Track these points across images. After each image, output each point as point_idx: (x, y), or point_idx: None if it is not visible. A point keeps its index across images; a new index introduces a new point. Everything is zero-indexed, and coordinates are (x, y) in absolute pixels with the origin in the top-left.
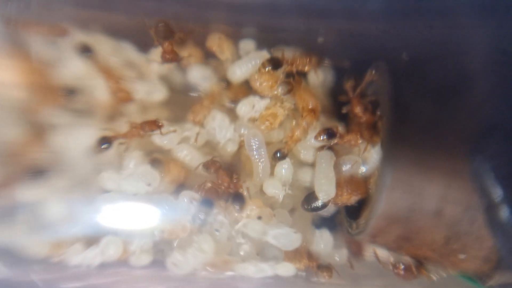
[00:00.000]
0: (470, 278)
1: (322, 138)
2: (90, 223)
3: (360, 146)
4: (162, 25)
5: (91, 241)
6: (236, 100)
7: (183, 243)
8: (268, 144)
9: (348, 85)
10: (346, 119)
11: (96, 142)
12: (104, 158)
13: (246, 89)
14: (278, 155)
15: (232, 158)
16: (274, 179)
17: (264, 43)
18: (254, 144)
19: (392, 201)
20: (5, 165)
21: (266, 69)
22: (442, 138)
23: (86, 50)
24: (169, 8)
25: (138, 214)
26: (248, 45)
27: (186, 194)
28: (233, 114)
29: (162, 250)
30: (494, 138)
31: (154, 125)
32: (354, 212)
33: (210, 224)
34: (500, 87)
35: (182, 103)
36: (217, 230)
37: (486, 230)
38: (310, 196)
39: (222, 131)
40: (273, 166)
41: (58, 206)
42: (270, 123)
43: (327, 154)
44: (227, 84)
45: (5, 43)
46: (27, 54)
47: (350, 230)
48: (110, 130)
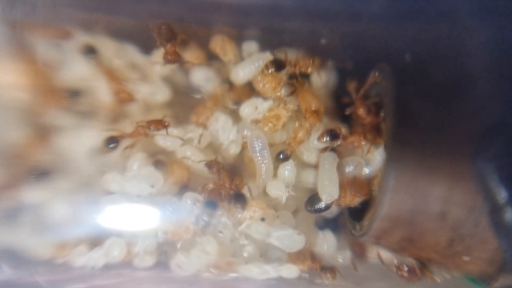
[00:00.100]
0: (475, 280)
1: (325, 140)
2: (94, 225)
3: (363, 148)
4: (165, 27)
5: (95, 242)
6: (239, 101)
7: (187, 245)
8: (271, 145)
9: (351, 86)
10: (349, 121)
11: (103, 142)
12: (107, 159)
13: (249, 90)
14: (281, 157)
15: (235, 160)
16: (277, 181)
17: (267, 45)
18: (257, 145)
19: (395, 203)
20: (9, 166)
21: (269, 70)
22: (446, 139)
23: (90, 51)
24: (172, 10)
25: (142, 215)
26: (251, 46)
27: (190, 196)
28: (236, 116)
29: (165, 252)
30: (497, 139)
31: (160, 124)
32: (358, 213)
33: (213, 225)
34: (503, 89)
35: (185, 105)
36: (220, 232)
37: (490, 232)
38: (313, 197)
39: (225, 133)
40: (276, 168)
41: (62, 208)
42: (273, 125)
43: (330, 155)
44: (230, 85)
45: (9, 46)
46: (32, 57)
47: (353, 231)
48: (116, 130)
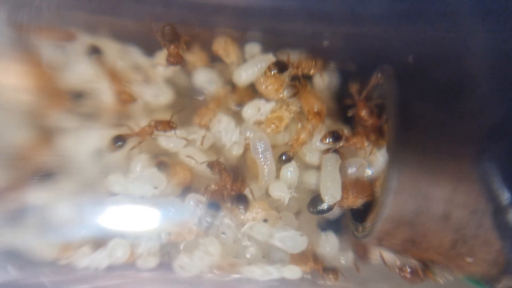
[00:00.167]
0: (478, 281)
1: (328, 141)
2: (97, 226)
3: (365, 149)
4: (169, 27)
5: (99, 243)
6: (241, 103)
7: (190, 246)
8: (273, 147)
9: (353, 88)
10: (351, 122)
11: (110, 140)
12: (111, 161)
13: (252, 92)
14: (284, 158)
15: (237, 161)
16: (279, 182)
17: (269, 47)
18: (259, 147)
19: (398, 204)
20: (14, 168)
21: (272, 72)
22: (448, 141)
23: (95, 52)
24: (175, 12)
25: (145, 217)
26: (253, 48)
27: (193, 197)
28: (238, 117)
29: (168, 253)
30: (500, 140)
31: (168, 125)
32: (360, 214)
33: (216, 227)
34: (506, 90)
35: (188, 106)
36: (223, 233)
37: (493, 233)
38: (315, 199)
39: (228, 134)
40: (278, 169)
41: (66, 209)
42: (276, 126)
43: (333, 156)
44: (233, 87)
45: (14, 48)
46: (36, 59)
47: (356, 233)
48: (127, 126)
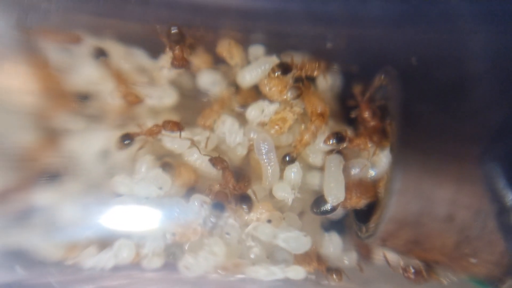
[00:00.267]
0: (481, 282)
1: (331, 142)
2: (103, 226)
3: (369, 150)
4: (175, 28)
5: (105, 244)
6: (245, 104)
7: (194, 246)
8: (277, 148)
9: (357, 89)
10: (354, 123)
11: (118, 139)
12: (116, 162)
13: (256, 94)
14: (287, 159)
15: (241, 162)
16: (283, 183)
17: (273, 49)
18: (263, 148)
19: (402, 205)
20: (21, 169)
21: (276, 74)
22: (452, 141)
23: (101, 54)
24: (180, 15)
25: (150, 217)
26: (257, 50)
27: (197, 198)
28: (242, 119)
29: (173, 253)
30: (504, 141)
31: (176, 126)
32: (363, 215)
33: (220, 227)
34: (509, 90)
35: (192, 108)
36: (227, 233)
37: (497, 234)
38: (319, 199)
39: (232, 136)
40: (282, 170)
41: (72, 210)
42: (280, 128)
43: (336, 157)
44: (237, 89)
45: (21, 51)
46: (43, 61)
47: (359, 233)
48: (131, 127)
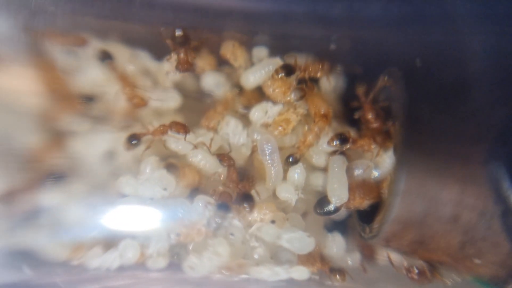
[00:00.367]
0: (486, 283)
1: (335, 143)
2: (108, 227)
3: (372, 151)
4: (179, 30)
5: (110, 244)
6: (249, 106)
7: (199, 247)
8: (280, 149)
9: (360, 91)
10: (357, 124)
11: (125, 139)
12: (121, 163)
13: (259, 95)
14: (291, 160)
15: (245, 163)
16: (286, 184)
17: (277, 50)
18: (267, 149)
19: (406, 206)
20: (27, 170)
21: (279, 75)
22: (456, 142)
23: (106, 57)
24: (184, 17)
25: (155, 218)
26: (261, 52)
27: (201, 198)
28: (246, 120)
29: (178, 254)
30: (509, 142)
31: (182, 128)
32: (366, 216)
33: (224, 228)
34: None
35: (196, 109)
36: (231, 234)
37: (502, 235)
38: (322, 200)
39: (236, 137)
40: (285, 171)
41: (77, 210)
42: (283, 129)
43: (340, 158)
44: (241, 90)
45: (27, 53)
46: (49, 64)
47: (363, 234)
48: (138, 128)
